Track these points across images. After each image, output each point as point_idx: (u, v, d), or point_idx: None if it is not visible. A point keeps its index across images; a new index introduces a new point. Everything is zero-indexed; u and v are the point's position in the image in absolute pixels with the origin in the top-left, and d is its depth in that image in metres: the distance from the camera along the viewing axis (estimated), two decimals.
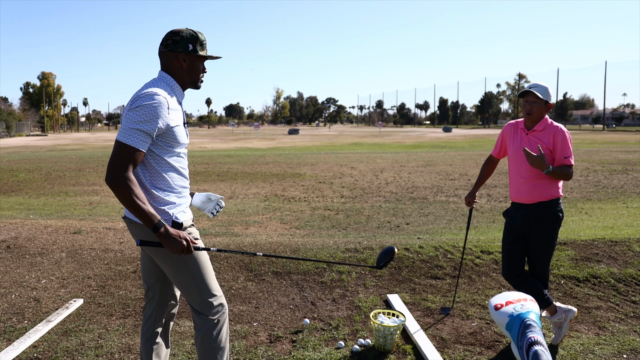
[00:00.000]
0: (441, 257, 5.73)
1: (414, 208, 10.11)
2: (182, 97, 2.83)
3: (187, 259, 2.73)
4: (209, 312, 2.77)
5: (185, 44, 2.72)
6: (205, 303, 2.77)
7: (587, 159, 20.32)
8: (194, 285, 2.75)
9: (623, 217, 8.84)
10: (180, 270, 2.74)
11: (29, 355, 3.71)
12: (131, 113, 2.53)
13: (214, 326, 2.78)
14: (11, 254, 5.93)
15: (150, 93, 2.57)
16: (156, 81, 2.73)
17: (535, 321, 1.93)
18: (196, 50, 2.75)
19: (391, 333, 3.73)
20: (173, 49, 2.72)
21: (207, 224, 8.50)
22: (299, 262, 5.51)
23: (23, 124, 78.18)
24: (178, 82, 2.78)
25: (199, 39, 2.76)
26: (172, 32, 2.74)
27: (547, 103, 3.87)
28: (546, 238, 3.89)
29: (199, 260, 2.77)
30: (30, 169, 18.00)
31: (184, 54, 2.73)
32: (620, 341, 3.95)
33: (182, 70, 2.76)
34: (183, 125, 2.77)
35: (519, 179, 3.95)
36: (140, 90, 2.63)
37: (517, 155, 3.96)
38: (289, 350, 3.80)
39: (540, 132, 3.87)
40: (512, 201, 4.08)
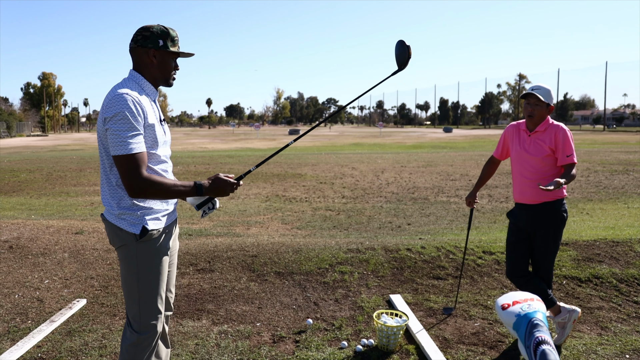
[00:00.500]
0: (443, 258, 5.74)
1: (415, 208, 10.12)
2: (155, 94, 2.76)
3: (141, 276, 2.67)
4: (140, 331, 2.72)
5: (156, 39, 2.65)
6: (141, 322, 2.72)
7: (588, 159, 20.31)
8: (136, 300, 2.70)
9: (624, 217, 8.84)
10: (130, 284, 2.70)
11: (33, 355, 3.71)
12: (112, 125, 2.47)
13: (139, 344, 2.72)
14: (14, 254, 5.94)
15: (120, 95, 2.51)
16: (125, 81, 2.67)
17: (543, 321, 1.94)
18: (167, 46, 2.68)
19: (394, 333, 3.74)
20: (143, 45, 2.65)
21: (209, 224, 8.51)
22: (301, 262, 5.52)
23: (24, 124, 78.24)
24: (149, 80, 2.71)
25: (170, 35, 2.69)
26: (142, 28, 2.69)
27: (549, 105, 3.88)
28: (550, 238, 3.90)
29: (151, 280, 2.70)
30: (31, 169, 18.01)
31: (154, 49, 2.66)
32: (623, 341, 3.96)
33: (153, 66, 2.69)
34: (160, 123, 2.72)
35: (522, 180, 3.96)
36: (109, 94, 2.57)
37: (520, 156, 3.97)
38: (292, 350, 3.80)
39: (542, 133, 3.89)
40: (516, 202, 4.09)
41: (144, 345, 2.73)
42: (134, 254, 2.66)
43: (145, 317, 2.72)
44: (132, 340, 2.72)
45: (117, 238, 2.68)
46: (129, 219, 2.63)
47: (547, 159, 3.85)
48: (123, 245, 2.67)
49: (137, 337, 2.72)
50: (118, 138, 2.46)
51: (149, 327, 2.73)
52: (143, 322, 2.72)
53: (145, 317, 2.72)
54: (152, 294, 2.72)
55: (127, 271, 2.70)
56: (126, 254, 2.68)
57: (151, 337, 2.74)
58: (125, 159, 2.46)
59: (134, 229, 2.62)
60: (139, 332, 2.72)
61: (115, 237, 2.69)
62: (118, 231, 2.65)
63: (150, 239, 2.67)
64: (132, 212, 2.63)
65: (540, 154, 3.85)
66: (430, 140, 46.54)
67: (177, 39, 2.74)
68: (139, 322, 2.72)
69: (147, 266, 2.69)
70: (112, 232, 2.70)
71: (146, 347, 2.74)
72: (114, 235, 2.69)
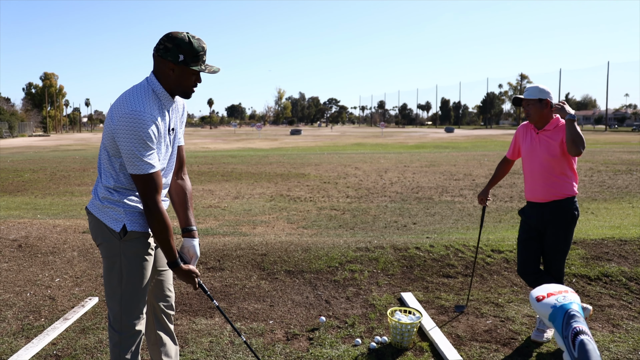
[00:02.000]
0: (452, 256, 5.75)
1: (420, 208, 10.13)
2: (171, 103, 2.68)
3: (124, 276, 2.67)
4: (122, 331, 2.71)
5: (176, 53, 2.53)
6: (122, 322, 2.70)
7: (591, 159, 20.31)
8: (118, 300, 2.69)
9: (629, 216, 8.85)
10: (112, 283, 2.69)
11: (48, 352, 3.73)
12: (125, 143, 2.48)
13: (122, 344, 2.71)
14: (23, 252, 5.95)
15: (135, 116, 2.47)
16: (143, 90, 2.59)
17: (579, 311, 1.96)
18: (187, 62, 2.55)
19: (408, 330, 3.75)
20: (163, 56, 2.56)
21: (215, 223, 8.52)
22: (310, 261, 5.53)
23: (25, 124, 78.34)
24: (166, 89, 2.63)
25: (194, 49, 2.55)
26: (167, 37, 2.56)
27: (542, 100, 3.92)
28: (561, 236, 3.92)
29: (134, 281, 2.69)
30: (34, 169, 18.03)
31: (172, 63, 2.55)
32: (635, 339, 3.97)
33: (170, 79, 2.60)
34: (168, 132, 2.69)
35: (533, 178, 4.00)
36: (125, 104, 2.51)
37: (531, 155, 4.01)
38: (307, 348, 3.82)
39: (551, 131, 3.93)
40: (527, 200, 4.11)
41: (126, 345, 2.71)
42: (118, 253, 2.65)
43: (126, 318, 2.70)
44: (115, 340, 2.72)
45: (100, 234, 2.67)
46: (112, 213, 2.63)
47: (557, 155, 3.88)
48: (106, 242, 2.67)
49: (119, 336, 2.71)
50: (134, 157, 2.48)
51: (130, 327, 2.71)
52: (124, 322, 2.70)
53: (127, 318, 2.70)
54: (134, 295, 2.69)
55: (109, 269, 2.69)
56: (108, 252, 2.67)
57: (133, 337, 2.72)
58: (140, 179, 2.50)
59: (116, 225, 2.61)
60: (120, 332, 2.70)
61: (99, 233, 2.68)
62: (102, 227, 2.65)
63: (134, 239, 2.66)
64: (115, 207, 2.63)
65: (549, 152, 3.88)
66: (432, 140, 46.53)
67: (203, 53, 2.59)
68: (120, 322, 2.70)
69: (130, 266, 2.66)
70: (95, 228, 2.69)
71: (128, 346, 2.71)
72: (98, 231, 2.68)
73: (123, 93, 2.60)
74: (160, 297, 2.96)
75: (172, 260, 2.66)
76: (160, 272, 2.93)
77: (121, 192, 2.62)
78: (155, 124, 2.52)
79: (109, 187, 2.62)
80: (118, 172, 2.60)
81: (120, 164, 2.58)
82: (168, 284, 3.00)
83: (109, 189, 2.62)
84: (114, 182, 2.61)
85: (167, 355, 2.99)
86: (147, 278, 2.73)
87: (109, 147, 2.56)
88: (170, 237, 2.60)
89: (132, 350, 2.73)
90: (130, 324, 2.70)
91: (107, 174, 2.62)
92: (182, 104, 2.86)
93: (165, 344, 2.99)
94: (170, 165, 2.78)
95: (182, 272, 2.71)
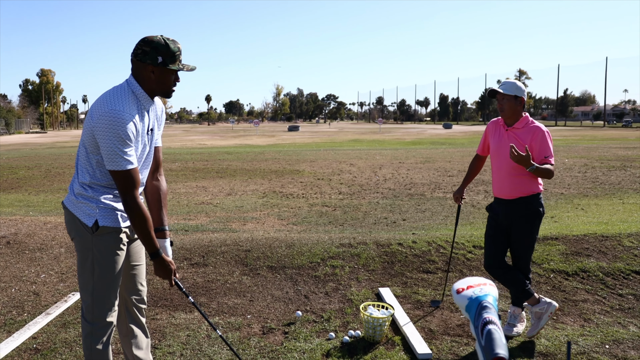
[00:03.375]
0: (434, 252, 5.83)
1: (411, 204, 10.19)
2: (150, 104, 2.80)
3: (96, 270, 2.76)
4: (93, 322, 2.80)
5: (154, 55, 2.65)
6: (94, 313, 2.79)
7: (586, 155, 20.39)
8: (90, 293, 2.78)
9: (619, 212, 8.90)
10: (85, 276, 2.78)
11: (28, 346, 3.81)
12: (104, 140, 2.57)
13: (93, 335, 2.81)
14: (11, 249, 6.03)
15: (115, 114, 2.57)
16: (122, 91, 2.70)
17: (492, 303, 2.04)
18: (166, 63, 2.68)
19: (380, 324, 3.83)
20: (142, 60, 2.67)
21: (205, 220, 8.59)
22: (293, 256, 5.61)
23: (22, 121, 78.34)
24: (146, 91, 2.73)
25: (171, 51, 2.68)
26: (143, 41, 2.68)
27: (518, 97, 3.97)
28: (527, 232, 3.99)
29: (106, 275, 2.77)
30: (29, 166, 18.10)
31: (152, 66, 2.67)
32: (604, 332, 4.06)
33: (151, 81, 2.71)
34: (147, 132, 2.79)
35: (500, 175, 4.06)
36: (105, 104, 2.61)
37: (498, 151, 4.07)
38: (281, 341, 3.90)
39: (520, 130, 3.97)
40: (495, 196, 4.19)
41: (97, 336, 2.81)
42: (90, 247, 2.75)
43: (98, 310, 2.79)
44: (87, 330, 2.82)
45: (74, 228, 2.78)
46: (85, 208, 2.72)
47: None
48: (79, 237, 2.77)
49: (91, 327, 2.80)
50: (113, 154, 2.58)
51: (102, 318, 2.80)
52: (96, 314, 2.80)
53: (98, 310, 2.79)
54: (106, 288, 2.79)
55: (82, 263, 2.79)
56: (82, 246, 2.78)
57: (104, 329, 2.82)
58: (119, 175, 2.61)
59: (88, 220, 2.71)
60: (92, 323, 2.80)
61: (73, 228, 2.79)
62: (76, 221, 2.75)
63: (106, 233, 2.75)
64: (88, 203, 2.72)
65: (523, 151, 3.93)
66: (429, 136, 46.58)
67: (179, 53, 2.73)
68: (92, 314, 2.80)
69: (101, 260, 2.76)
70: (70, 222, 2.80)
71: (99, 337, 2.81)
72: (72, 225, 2.79)
73: (104, 93, 2.71)
74: (132, 290, 3.04)
75: (154, 251, 2.76)
76: (134, 267, 3.02)
77: (95, 189, 2.73)
78: (133, 123, 2.63)
79: (84, 183, 2.72)
80: (95, 168, 2.70)
81: (97, 161, 2.68)
82: (141, 278, 3.09)
83: (84, 185, 2.72)
84: (89, 178, 2.71)
85: (138, 348, 3.08)
86: (118, 272, 2.82)
87: (87, 144, 2.67)
88: (149, 229, 2.70)
89: (103, 341, 2.82)
90: (101, 316, 2.80)
91: (84, 170, 2.73)
92: (161, 106, 2.98)
93: (137, 336, 3.09)
94: (146, 164, 2.88)
95: (163, 263, 2.81)
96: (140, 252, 3.07)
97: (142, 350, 3.10)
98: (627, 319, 4.36)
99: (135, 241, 3.00)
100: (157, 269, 2.84)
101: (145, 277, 3.13)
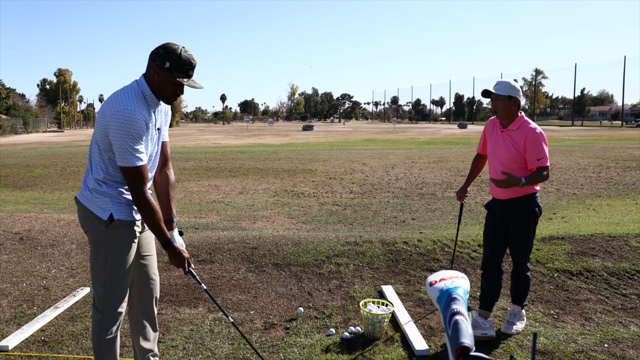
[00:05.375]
0: (439, 251, 5.86)
1: (421, 204, 10.20)
2: (157, 105, 2.91)
3: (108, 261, 2.88)
4: (104, 311, 2.93)
5: (164, 60, 2.77)
6: (105, 303, 2.92)
7: (602, 155, 20.19)
8: (102, 283, 2.91)
9: (631, 213, 8.83)
10: (97, 267, 2.91)
11: (37, 338, 3.93)
12: (116, 137, 2.71)
13: (103, 324, 2.93)
14: (24, 245, 6.18)
15: (126, 114, 2.70)
16: (132, 91, 2.82)
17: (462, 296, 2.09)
18: (171, 70, 2.78)
19: (379, 321, 3.89)
20: (153, 59, 2.81)
21: (216, 218, 8.69)
22: (299, 254, 5.67)
23: (40, 120, 79.36)
24: (152, 90, 2.86)
25: (182, 62, 2.78)
26: (163, 45, 2.81)
27: (512, 97, 3.95)
28: (522, 232, 4.01)
29: (118, 266, 2.90)
30: (46, 164, 18.39)
31: (158, 68, 2.79)
32: (604, 331, 4.07)
33: (155, 83, 2.84)
34: (156, 131, 2.93)
35: (496, 175, 4.08)
36: (117, 103, 2.74)
37: (494, 152, 4.10)
38: (282, 337, 3.97)
39: (514, 132, 3.97)
40: (492, 196, 4.21)
41: (107, 325, 2.94)
42: (103, 239, 2.87)
43: (109, 300, 2.92)
44: (97, 319, 2.95)
45: (87, 221, 2.90)
46: (99, 203, 2.85)
47: (517, 157, 3.94)
48: (93, 229, 2.89)
49: (102, 317, 2.93)
50: (124, 151, 2.72)
51: (112, 308, 2.93)
52: (107, 304, 2.92)
53: (110, 300, 2.92)
54: (117, 278, 2.91)
55: (95, 255, 2.92)
56: (95, 238, 2.90)
57: (114, 319, 2.95)
58: (129, 171, 2.75)
59: (103, 214, 2.84)
60: (103, 312, 2.93)
61: (87, 221, 2.91)
62: (90, 215, 2.87)
63: (119, 226, 2.88)
64: (103, 197, 2.85)
65: (509, 152, 3.95)
66: (444, 136, 46.37)
67: (189, 67, 2.81)
68: (103, 304, 2.92)
69: (114, 252, 2.89)
70: (84, 216, 2.92)
71: (109, 326, 2.94)
72: (86, 218, 2.91)
73: (114, 93, 2.85)
74: (144, 281, 3.17)
75: (166, 241, 2.90)
76: (145, 257, 3.15)
77: (109, 184, 2.86)
78: (144, 122, 2.77)
79: (98, 179, 2.86)
80: (107, 164, 2.83)
81: (109, 158, 2.82)
82: (152, 268, 3.21)
83: (98, 181, 2.86)
84: (103, 174, 2.85)
85: (146, 339, 3.20)
86: (130, 263, 2.95)
87: (100, 141, 2.81)
88: (159, 221, 2.84)
89: (112, 331, 2.96)
90: (112, 306, 2.93)
91: (98, 166, 2.86)
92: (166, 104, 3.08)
93: (145, 327, 3.20)
94: (155, 160, 3.02)
95: (175, 252, 2.94)
96: (151, 243, 3.19)
97: (149, 342, 3.22)
98: (629, 318, 4.37)
99: (145, 232, 3.12)
100: (171, 258, 2.98)
101: (157, 269, 3.26)
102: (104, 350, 2.96)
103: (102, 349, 2.96)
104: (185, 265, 3.01)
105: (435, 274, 2.41)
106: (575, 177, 13.82)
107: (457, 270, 3.53)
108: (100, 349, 2.96)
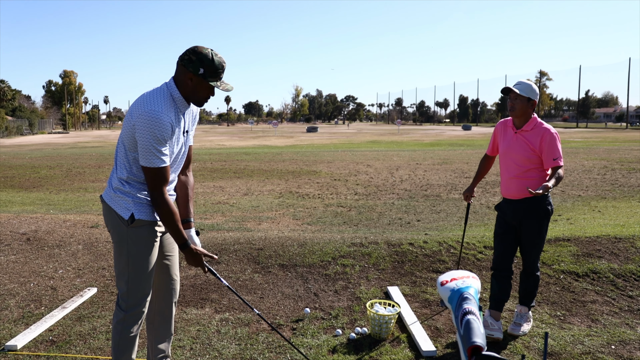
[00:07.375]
0: (444, 252, 5.86)
1: (426, 205, 10.20)
2: (186, 108, 2.95)
3: (131, 259, 2.92)
4: (127, 309, 2.97)
5: (198, 66, 2.79)
6: (128, 301, 2.96)
7: (607, 157, 20.14)
8: (126, 281, 2.95)
9: (637, 215, 8.80)
10: (121, 265, 2.95)
11: (44, 338, 3.96)
12: (142, 138, 2.74)
13: (125, 321, 2.98)
14: (31, 245, 6.21)
15: (154, 115, 2.73)
16: (162, 94, 2.85)
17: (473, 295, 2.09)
18: (205, 76, 2.81)
19: (386, 322, 3.89)
20: (185, 66, 2.81)
21: (221, 219, 8.70)
22: (305, 255, 5.68)
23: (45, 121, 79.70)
24: (183, 95, 2.88)
25: (214, 67, 2.80)
26: (193, 50, 2.81)
27: (530, 100, 3.99)
28: (535, 231, 4.02)
29: (140, 264, 2.94)
30: (51, 165, 18.46)
31: (192, 74, 2.81)
32: (611, 333, 4.07)
33: (188, 88, 2.85)
34: (183, 134, 2.97)
35: (507, 176, 4.09)
36: (146, 104, 2.78)
37: (507, 153, 4.10)
38: (289, 337, 3.98)
39: (529, 132, 3.99)
40: (503, 196, 4.22)
41: (129, 323, 2.98)
42: (124, 238, 2.91)
43: (132, 298, 2.96)
44: (119, 317, 2.99)
45: (111, 221, 2.95)
46: (122, 202, 2.89)
47: (531, 157, 3.96)
48: (115, 228, 2.93)
49: (124, 315, 2.97)
50: (148, 152, 2.75)
51: (135, 306, 2.98)
52: (130, 302, 2.97)
53: (133, 298, 2.96)
54: (140, 277, 2.95)
55: (118, 253, 2.96)
56: (118, 237, 2.94)
57: (136, 316, 2.99)
58: (148, 171, 2.78)
59: (125, 213, 2.88)
60: (126, 310, 2.97)
61: (110, 220, 2.95)
62: (113, 214, 2.91)
63: (141, 226, 2.91)
64: (125, 197, 2.89)
65: (524, 153, 3.97)
66: (448, 137, 46.33)
67: (221, 70, 2.86)
68: (127, 301, 2.97)
69: (136, 251, 2.93)
70: (108, 215, 2.96)
71: (131, 324, 2.99)
72: (109, 218, 2.95)
73: (144, 94, 2.89)
74: (165, 281, 3.21)
75: (182, 242, 2.91)
76: (167, 257, 3.19)
77: (132, 184, 2.90)
78: (170, 124, 2.80)
79: (122, 178, 2.90)
80: (131, 164, 2.88)
81: (133, 158, 2.86)
82: (174, 269, 3.25)
83: (122, 181, 2.90)
84: (127, 173, 2.89)
85: (160, 340, 3.25)
86: (152, 263, 2.99)
87: (126, 141, 2.84)
88: (176, 222, 2.86)
89: (133, 329, 3.01)
90: (135, 305, 2.98)
91: (122, 166, 2.90)
92: (197, 108, 3.15)
93: (161, 327, 3.24)
94: (180, 162, 3.07)
95: (192, 253, 2.96)
96: (173, 243, 3.22)
97: (164, 343, 3.26)
98: (636, 320, 4.37)
99: (167, 233, 3.14)
100: (188, 259, 3.00)
101: (178, 270, 3.29)
102: (122, 348, 3.00)
103: (121, 347, 3.00)
104: (204, 264, 3.04)
105: (446, 274, 2.42)
106: (580, 179, 13.79)
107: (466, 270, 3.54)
108: (120, 347, 3.00)
